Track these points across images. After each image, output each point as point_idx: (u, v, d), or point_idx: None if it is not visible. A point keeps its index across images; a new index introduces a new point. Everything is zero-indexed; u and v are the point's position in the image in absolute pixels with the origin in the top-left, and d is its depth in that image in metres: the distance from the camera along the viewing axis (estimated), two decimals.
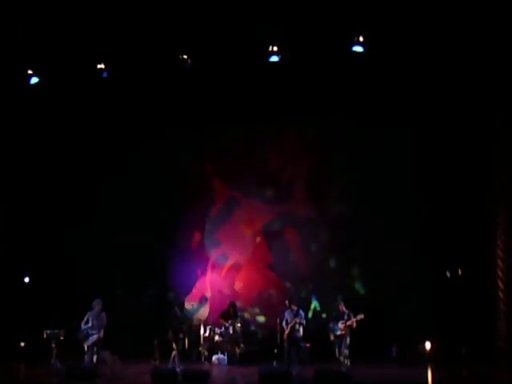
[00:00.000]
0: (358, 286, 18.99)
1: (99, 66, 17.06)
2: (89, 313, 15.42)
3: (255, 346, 17.95)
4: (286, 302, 15.97)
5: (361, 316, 15.31)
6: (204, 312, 19.62)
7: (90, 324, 15.24)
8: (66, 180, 19.89)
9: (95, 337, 15.19)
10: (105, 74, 17.19)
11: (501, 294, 16.99)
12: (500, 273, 17.03)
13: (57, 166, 19.90)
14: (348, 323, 15.41)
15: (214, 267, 19.95)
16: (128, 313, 18.63)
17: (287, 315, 15.67)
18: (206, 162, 20.16)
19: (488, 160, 17.38)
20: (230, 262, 19.91)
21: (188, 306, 19.45)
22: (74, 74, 17.38)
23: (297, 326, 15.48)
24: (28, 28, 16.06)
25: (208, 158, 20.10)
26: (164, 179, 19.71)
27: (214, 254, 20.03)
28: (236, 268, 19.87)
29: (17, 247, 19.44)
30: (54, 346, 15.78)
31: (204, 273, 19.98)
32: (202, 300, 19.73)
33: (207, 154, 19.98)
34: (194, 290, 19.86)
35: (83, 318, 15.40)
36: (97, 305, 15.45)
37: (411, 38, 15.92)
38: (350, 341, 15.51)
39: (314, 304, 19.04)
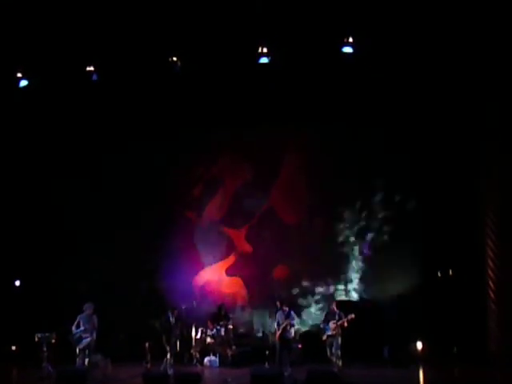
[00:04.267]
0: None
1: (89, 69, 17.02)
2: (80, 316, 15.40)
3: (247, 348, 17.93)
4: (278, 303, 15.94)
5: (351, 316, 15.28)
6: None
7: (82, 327, 15.23)
8: (58, 182, 19.89)
9: (88, 340, 15.18)
10: (94, 77, 17.18)
11: (491, 294, 17.04)
12: (491, 273, 17.08)
13: (49, 167, 19.91)
14: (339, 323, 15.40)
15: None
16: (119, 316, 18.68)
17: (279, 316, 15.64)
18: (197, 163, 20.18)
19: (477, 161, 17.47)
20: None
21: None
22: (63, 76, 17.36)
23: (288, 327, 15.47)
24: (18, 31, 16.04)
25: (199, 159, 20.13)
26: (154, 180, 19.78)
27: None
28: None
29: (8, 251, 19.39)
30: (45, 349, 15.70)
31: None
32: None
33: (198, 154, 20.03)
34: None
35: (74, 322, 15.40)
36: (88, 308, 15.44)
37: (400, 38, 16.00)
38: (342, 341, 15.51)
39: None
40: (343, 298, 18.60)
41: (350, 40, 15.85)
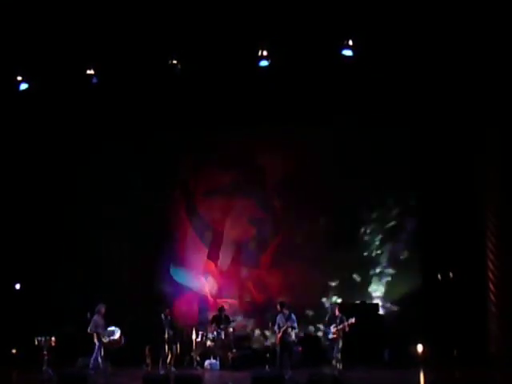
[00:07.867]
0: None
1: (89, 72, 17.02)
2: (95, 317, 15.42)
3: (247, 351, 17.91)
4: (278, 306, 15.94)
5: (352, 320, 15.31)
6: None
7: (111, 328, 15.29)
8: (58, 185, 19.94)
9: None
10: (94, 80, 17.17)
11: (492, 296, 17.05)
12: (491, 275, 17.11)
13: (50, 170, 19.92)
14: (340, 327, 15.40)
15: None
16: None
17: (279, 319, 15.63)
18: (196, 164, 20.18)
19: (477, 164, 17.49)
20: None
21: None
22: (63, 79, 17.36)
23: (289, 329, 15.46)
24: (18, 34, 16.05)
25: (198, 160, 20.13)
26: (152, 182, 19.79)
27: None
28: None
29: (8, 254, 19.38)
30: (45, 352, 15.69)
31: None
32: None
33: (198, 155, 20.06)
34: None
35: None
36: (101, 307, 15.53)
37: (399, 42, 16.03)
38: (343, 344, 15.51)
39: None
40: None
41: (350, 43, 15.85)
